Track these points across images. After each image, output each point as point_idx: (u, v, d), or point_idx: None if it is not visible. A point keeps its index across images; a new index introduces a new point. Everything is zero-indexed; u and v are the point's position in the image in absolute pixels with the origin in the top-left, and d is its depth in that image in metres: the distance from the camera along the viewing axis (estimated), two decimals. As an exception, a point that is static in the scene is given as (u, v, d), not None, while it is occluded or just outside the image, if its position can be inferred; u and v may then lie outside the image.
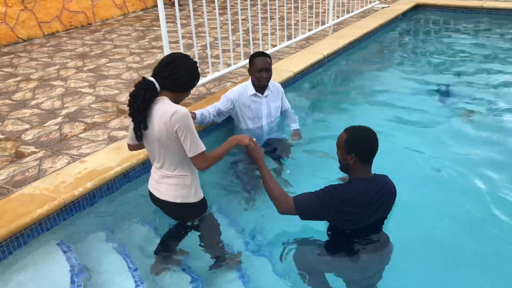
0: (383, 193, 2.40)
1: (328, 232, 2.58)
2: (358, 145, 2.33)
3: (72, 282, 2.54)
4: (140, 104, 2.38)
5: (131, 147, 2.76)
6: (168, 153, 2.50)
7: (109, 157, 3.49)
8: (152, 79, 2.44)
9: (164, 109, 2.40)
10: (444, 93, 5.24)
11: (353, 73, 6.11)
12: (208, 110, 3.68)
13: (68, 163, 3.44)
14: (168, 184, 2.59)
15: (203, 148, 2.46)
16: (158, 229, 3.03)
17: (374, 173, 2.44)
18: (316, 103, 4.95)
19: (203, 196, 2.72)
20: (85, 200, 3.16)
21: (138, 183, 3.49)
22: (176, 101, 2.52)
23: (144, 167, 3.55)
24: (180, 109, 2.40)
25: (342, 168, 2.47)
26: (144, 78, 2.46)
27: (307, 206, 2.35)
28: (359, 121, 4.36)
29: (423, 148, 3.95)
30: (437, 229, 3.03)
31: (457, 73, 5.88)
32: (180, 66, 2.46)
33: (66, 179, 3.21)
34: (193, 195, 2.64)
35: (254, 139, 2.69)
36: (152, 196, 2.74)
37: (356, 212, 2.33)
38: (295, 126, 4.01)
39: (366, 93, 5.28)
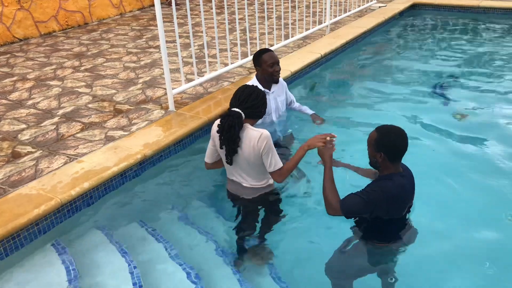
0: (413, 183, 2.60)
1: (358, 225, 2.70)
2: (387, 144, 2.44)
3: (69, 282, 2.53)
4: (235, 134, 2.74)
5: (209, 166, 3.13)
6: (254, 169, 2.90)
7: (106, 157, 3.48)
8: (238, 110, 2.78)
9: (251, 135, 2.78)
10: (440, 92, 5.25)
11: (350, 73, 6.11)
12: None
13: (65, 163, 3.43)
14: (253, 188, 3.00)
15: (281, 165, 2.83)
16: (156, 230, 3.03)
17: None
18: (313, 102, 4.94)
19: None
20: (82, 200, 3.15)
21: (135, 183, 3.49)
22: (253, 125, 2.90)
23: (141, 167, 3.55)
24: (264, 132, 2.79)
25: (371, 164, 2.60)
26: (232, 110, 2.79)
27: (352, 208, 2.51)
28: (355, 120, 4.43)
29: (418, 146, 3.95)
30: (433, 229, 3.03)
31: (454, 72, 5.88)
32: (257, 98, 2.85)
33: (63, 179, 3.21)
34: (271, 187, 3.09)
35: (328, 138, 2.71)
36: (234, 196, 3.07)
37: (399, 206, 2.50)
38: (310, 111, 4.11)
39: (363, 93, 5.29)
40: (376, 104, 4.95)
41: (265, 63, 3.65)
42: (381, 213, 2.47)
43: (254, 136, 2.76)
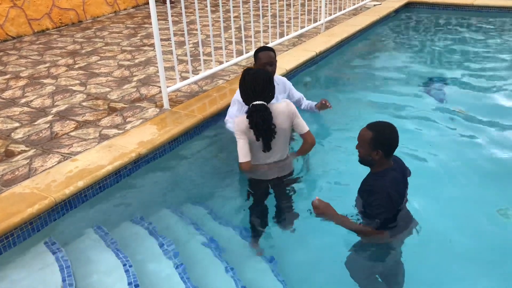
0: (404, 173, 2.65)
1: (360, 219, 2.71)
2: (384, 142, 2.47)
3: (63, 281, 2.52)
4: (270, 124, 2.89)
5: (248, 165, 2.99)
6: (286, 141, 3.09)
7: (101, 156, 3.46)
8: (262, 102, 2.91)
9: (279, 108, 2.99)
10: (435, 89, 5.27)
11: (345, 71, 6.11)
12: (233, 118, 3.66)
13: (59, 162, 3.41)
14: (286, 163, 3.17)
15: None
16: (151, 227, 3.02)
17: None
18: (309, 101, 4.95)
19: None
20: (77, 199, 3.13)
21: (130, 182, 3.48)
22: None
23: (135, 166, 3.53)
24: (287, 101, 3.09)
25: (363, 162, 2.61)
26: (257, 105, 2.90)
27: (381, 224, 2.54)
28: (352, 119, 4.43)
29: (415, 144, 3.96)
30: (431, 226, 3.04)
31: (448, 70, 5.90)
32: (271, 83, 2.97)
33: (57, 177, 3.19)
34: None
35: (317, 197, 2.64)
36: (268, 181, 3.15)
37: (399, 198, 2.54)
38: (313, 103, 4.11)
39: (358, 91, 5.29)
40: (370, 102, 4.95)
41: (259, 62, 3.61)
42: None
43: (282, 107, 2.99)
